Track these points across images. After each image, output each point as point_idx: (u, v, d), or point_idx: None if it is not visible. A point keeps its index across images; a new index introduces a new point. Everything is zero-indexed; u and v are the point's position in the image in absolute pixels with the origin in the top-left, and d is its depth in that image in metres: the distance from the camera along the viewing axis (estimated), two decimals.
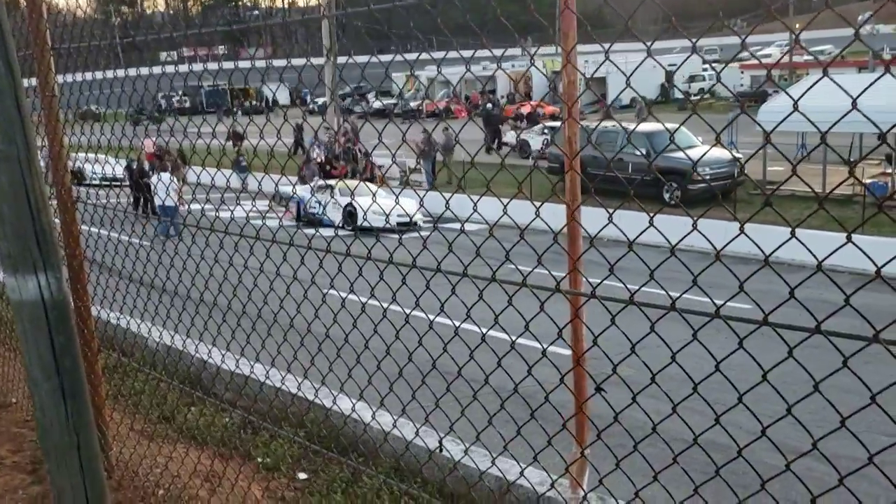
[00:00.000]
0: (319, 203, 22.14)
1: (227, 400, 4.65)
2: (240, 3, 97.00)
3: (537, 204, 2.46)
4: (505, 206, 2.43)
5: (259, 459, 4.38)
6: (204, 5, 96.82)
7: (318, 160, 28.62)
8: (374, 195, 3.77)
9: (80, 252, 3.65)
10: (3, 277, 2.22)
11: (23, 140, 2.14)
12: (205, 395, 4.66)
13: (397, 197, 3.38)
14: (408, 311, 2.76)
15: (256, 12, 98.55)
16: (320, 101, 60.24)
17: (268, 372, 3.70)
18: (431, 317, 2.73)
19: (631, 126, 23.03)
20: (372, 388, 2.94)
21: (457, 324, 2.54)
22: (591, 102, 45.47)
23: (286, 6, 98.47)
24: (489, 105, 46.17)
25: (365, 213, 20.99)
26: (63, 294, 2.27)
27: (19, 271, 2.23)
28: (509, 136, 30.37)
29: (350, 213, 21.08)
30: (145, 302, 4.17)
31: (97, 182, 29.24)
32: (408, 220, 18.83)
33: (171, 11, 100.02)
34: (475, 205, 2.61)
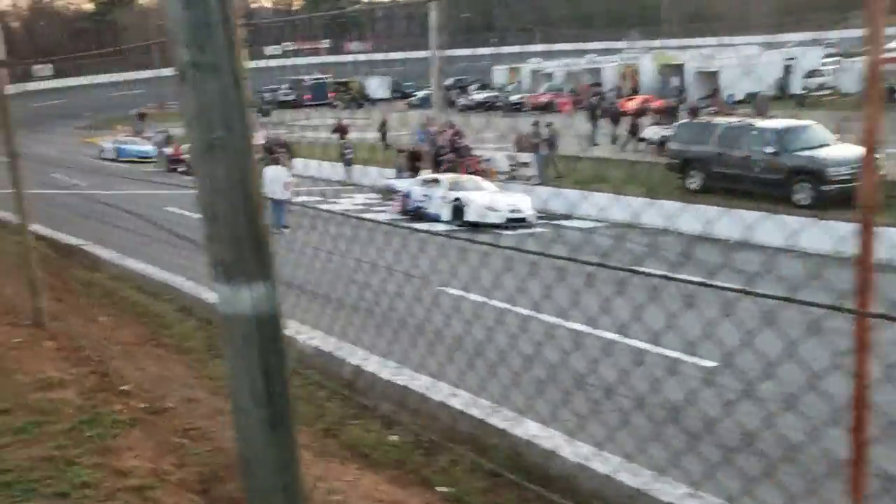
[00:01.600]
0: (427, 197, 22.07)
1: (387, 413, 4.46)
2: None
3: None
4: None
5: (441, 489, 4.07)
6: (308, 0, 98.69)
7: (408, 151, 28.69)
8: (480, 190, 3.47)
9: None
10: (214, 285, 2.07)
11: (241, 127, 1.98)
12: (366, 406, 4.55)
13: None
14: (586, 329, 2.52)
15: (358, 6, 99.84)
16: (420, 94, 60.39)
17: (431, 385, 3.51)
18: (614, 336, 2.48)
19: (757, 123, 22.07)
20: (557, 411, 2.71)
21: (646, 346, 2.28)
22: (704, 97, 44.09)
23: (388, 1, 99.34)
24: (594, 98, 45.31)
25: (474, 208, 20.89)
26: (276, 308, 2.09)
27: (233, 280, 2.05)
28: (649, 132, 29.34)
29: (457, 208, 20.92)
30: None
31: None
32: (520, 216, 18.55)
33: (275, 6, 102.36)
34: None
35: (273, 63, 75.95)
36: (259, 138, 35.42)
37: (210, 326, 6.11)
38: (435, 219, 21.54)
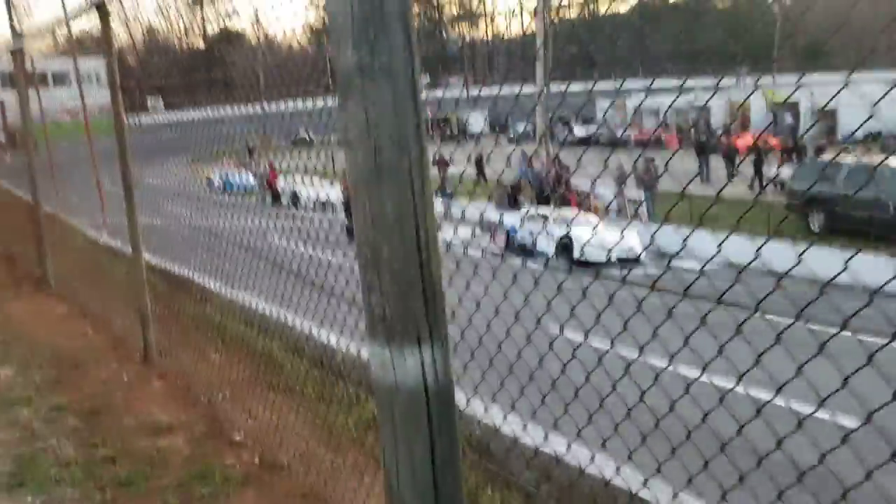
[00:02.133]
0: (531, 233, 21.53)
1: (528, 483, 3.90)
2: (443, 34, 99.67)
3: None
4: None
5: None
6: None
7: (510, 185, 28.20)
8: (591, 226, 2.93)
9: None
10: (370, 346, 1.62)
11: (418, 147, 1.53)
12: (505, 474, 4.07)
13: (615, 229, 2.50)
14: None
15: (458, 44, 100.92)
16: (520, 127, 60.18)
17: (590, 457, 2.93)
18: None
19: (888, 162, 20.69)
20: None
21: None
22: (817, 136, 42.27)
23: (489, 38, 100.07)
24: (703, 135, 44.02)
25: (583, 246, 20.29)
26: (450, 378, 1.61)
27: (396, 341, 1.59)
28: (773, 171, 27.92)
29: (565, 246, 20.29)
30: None
31: (311, 205, 30.04)
32: (632, 255, 17.75)
33: None
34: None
35: None
36: None
37: (321, 369, 5.74)
38: (541, 256, 20.95)
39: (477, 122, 67.28)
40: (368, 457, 4.38)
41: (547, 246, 20.88)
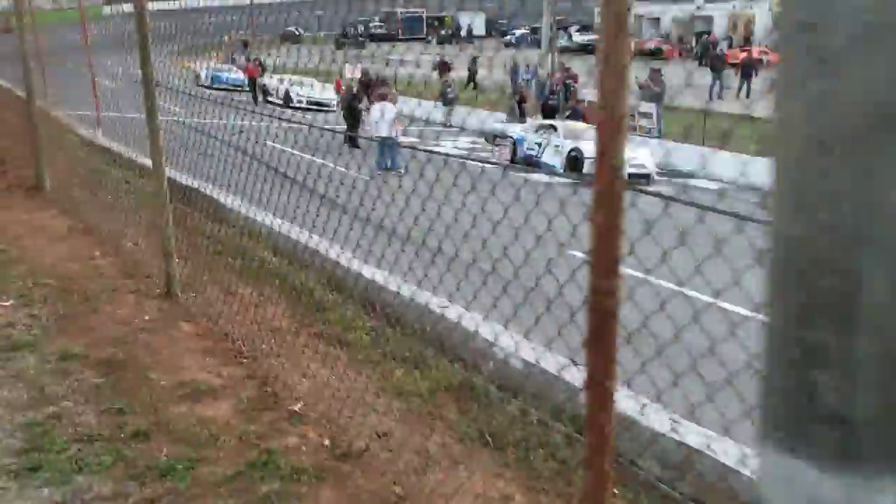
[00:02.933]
0: (539, 145, 20.51)
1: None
2: None
3: None
4: None
5: None
6: None
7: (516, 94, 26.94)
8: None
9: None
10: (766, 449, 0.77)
11: None
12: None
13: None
14: None
15: None
16: (518, 32, 58.07)
17: None
18: None
19: None
20: None
21: None
22: None
23: None
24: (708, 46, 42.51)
25: (593, 160, 19.08)
26: None
27: (866, 463, 0.72)
28: None
29: (575, 159, 19.33)
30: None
31: (303, 106, 28.76)
32: (644, 171, 16.93)
33: None
34: None
35: None
36: (354, 72, 34.13)
37: (374, 313, 4.91)
38: (548, 169, 20.00)
39: (473, 24, 64.98)
40: (455, 438, 3.59)
41: (554, 159, 19.93)
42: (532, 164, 20.37)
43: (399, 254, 3.50)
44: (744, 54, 41.02)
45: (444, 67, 33.34)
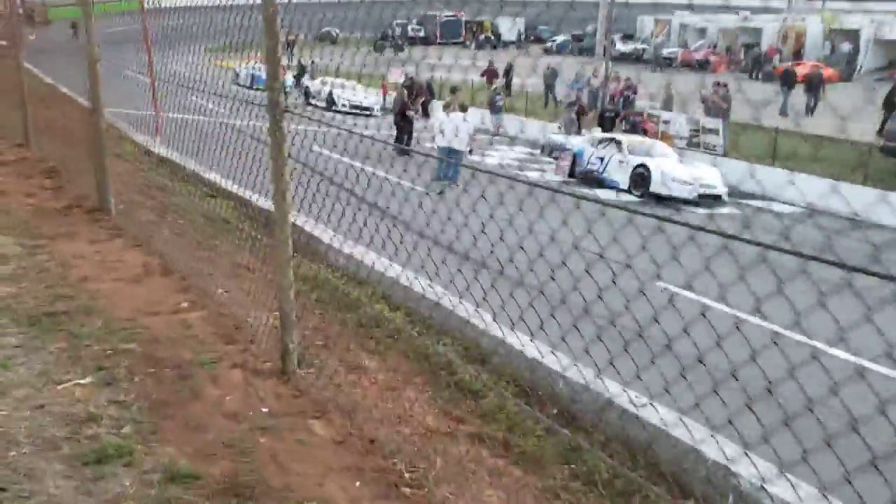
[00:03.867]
0: (601, 159, 19.36)
1: None
2: None
3: None
4: None
5: None
6: None
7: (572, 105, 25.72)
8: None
9: None
10: None
11: None
12: None
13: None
14: None
15: None
16: (559, 39, 56.87)
17: None
18: None
19: None
20: None
21: None
22: (878, 69, 39.48)
23: None
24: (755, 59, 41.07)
25: (662, 178, 18.05)
26: None
27: None
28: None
29: (641, 176, 18.16)
30: None
31: (346, 110, 27.76)
32: (715, 192, 15.75)
33: None
34: None
35: None
36: (396, 76, 33.11)
37: (542, 409, 3.83)
38: (611, 186, 18.86)
39: (512, 29, 63.83)
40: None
41: (619, 175, 18.77)
42: (593, 179, 19.25)
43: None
44: (801, 68, 39.67)
45: (492, 75, 32.29)
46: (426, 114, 25.43)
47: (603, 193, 18.16)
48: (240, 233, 5.68)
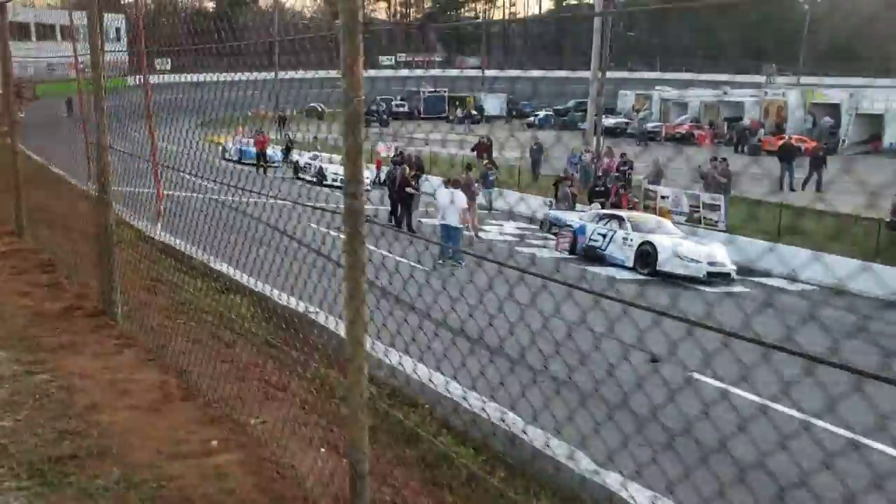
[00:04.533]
0: (603, 236, 18.82)
1: None
2: (459, 12, 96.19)
3: None
4: None
5: None
6: (424, 14, 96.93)
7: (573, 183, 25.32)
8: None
9: None
10: None
11: None
12: None
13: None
14: None
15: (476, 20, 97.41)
16: (541, 114, 57.21)
17: None
18: None
19: None
20: None
21: None
22: (860, 142, 39.75)
23: (506, 17, 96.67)
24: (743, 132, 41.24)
25: (668, 256, 17.43)
26: None
27: None
28: None
29: (646, 254, 17.59)
30: None
31: (338, 184, 27.22)
32: (723, 270, 15.13)
33: (390, 16, 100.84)
34: None
35: (388, 73, 74.09)
36: (384, 150, 32.73)
37: None
38: (614, 263, 18.28)
39: (494, 105, 64.25)
40: None
41: (622, 252, 18.20)
42: (596, 256, 18.68)
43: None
44: (784, 141, 39.77)
45: (483, 148, 31.96)
46: (415, 188, 24.80)
47: (606, 271, 17.59)
48: (269, 346, 4.92)
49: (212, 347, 5.30)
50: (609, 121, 50.99)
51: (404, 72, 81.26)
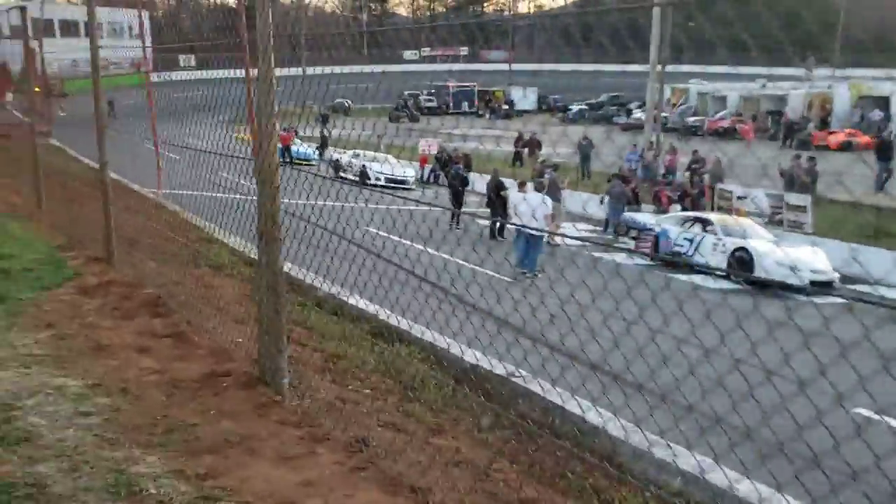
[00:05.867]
0: (690, 241, 17.26)
1: None
2: (483, 6, 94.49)
3: None
4: None
5: None
6: (448, 8, 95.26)
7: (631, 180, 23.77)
8: None
9: None
10: None
11: None
12: None
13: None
14: None
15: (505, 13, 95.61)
16: (575, 108, 55.45)
17: None
18: None
19: None
20: None
21: None
22: None
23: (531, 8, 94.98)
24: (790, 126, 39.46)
25: (767, 263, 15.81)
26: None
27: None
28: None
29: (740, 261, 16.04)
30: None
31: (382, 184, 25.52)
32: (825, 278, 13.57)
33: (413, 12, 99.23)
34: None
35: (416, 67, 72.50)
36: (431, 147, 31.20)
37: None
38: (704, 270, 16.73)
39: (525, 98, 62.58)
40: None
41: (713, 258, 16.63)
42: (680, 263, 17.11)
43: None
44: (833, 136, 38.05)
45: (533, 145, 30.41)
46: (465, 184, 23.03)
47: (694, 279, 16.06)
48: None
49: (422, 438, 3.84)
50: (642, 115, 49.33)
51: (429, 66, 79.59)
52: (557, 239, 15.95)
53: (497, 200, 18.00)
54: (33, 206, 9.57)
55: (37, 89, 12.67)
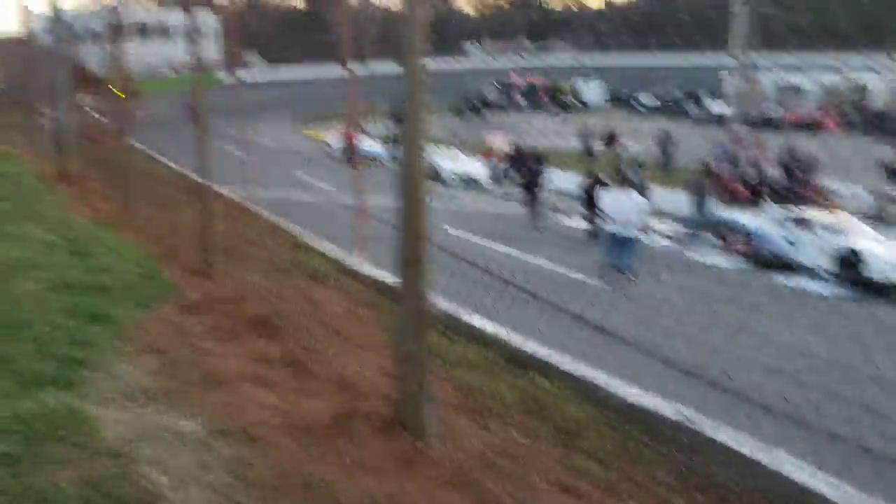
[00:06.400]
0: (791, 241, 16.18)
1: None
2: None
3: None
4: None
5: None
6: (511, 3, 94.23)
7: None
8: None
9: None
10: None
11: None
12: None
13: None
14: None
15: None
16: (647, 101, 53.92)
17: None
18: None
19: None
20: None
21: None
22: None
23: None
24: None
25: (880, 265, 14.71)
26: None
27: None
28: None
29: (848, 262, 14.93)
30: None
31: (455, 182, 24.64)
32: None
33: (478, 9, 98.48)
34: None
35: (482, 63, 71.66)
36: (502, 143, 30.40)
37: None
38: (808, 272, 15.68)
39: (594, 93, 61.18)
40: None
41: (817, 259, 15.55)
42: (782, 264, 16.09)
43: None
44: None
45: (613, 140, 29.43)
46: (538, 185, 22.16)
47: (796, 282, 15.06)
48: None
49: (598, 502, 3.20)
50: (720, 108, 47.60)
51: (495, 60, 78.59)
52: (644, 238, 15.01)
53: (589, 201, 17.30)
54: (123, 212, 9.24)
55: (121, 95, 12.42)
